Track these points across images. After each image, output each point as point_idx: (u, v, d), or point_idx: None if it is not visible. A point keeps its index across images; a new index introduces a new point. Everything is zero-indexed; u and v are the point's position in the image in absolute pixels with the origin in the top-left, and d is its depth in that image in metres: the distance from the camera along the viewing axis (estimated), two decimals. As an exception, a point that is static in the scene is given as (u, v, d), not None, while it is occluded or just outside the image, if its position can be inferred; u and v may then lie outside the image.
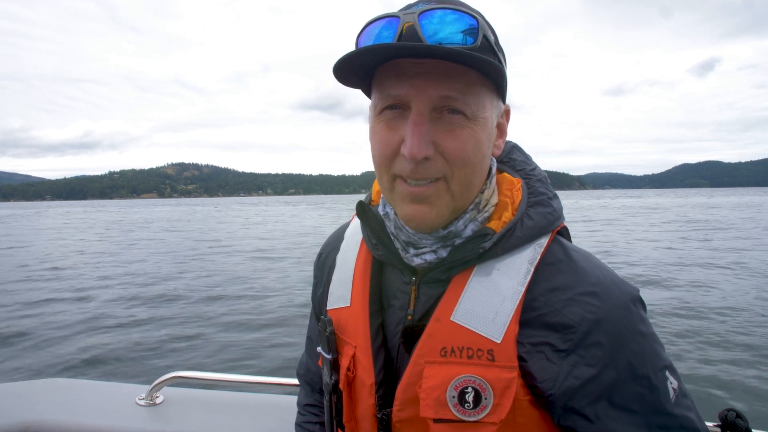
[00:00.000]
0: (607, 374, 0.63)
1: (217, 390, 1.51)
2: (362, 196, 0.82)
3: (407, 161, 0.62)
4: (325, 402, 0.81)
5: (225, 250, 17.40)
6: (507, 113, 0.72)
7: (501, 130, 0.71)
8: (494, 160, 0.75)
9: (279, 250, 16.91)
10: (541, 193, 0.72)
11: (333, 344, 0.78)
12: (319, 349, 0.82)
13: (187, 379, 1.42)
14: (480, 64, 0.57)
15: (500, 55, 0.64)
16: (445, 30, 0.58)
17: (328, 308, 0.82)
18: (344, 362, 0.75)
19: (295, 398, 1.26)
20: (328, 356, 0.78)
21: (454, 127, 0.61)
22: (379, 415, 0.70)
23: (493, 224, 0.69)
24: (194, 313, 8.11)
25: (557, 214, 0.71)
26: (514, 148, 0.81)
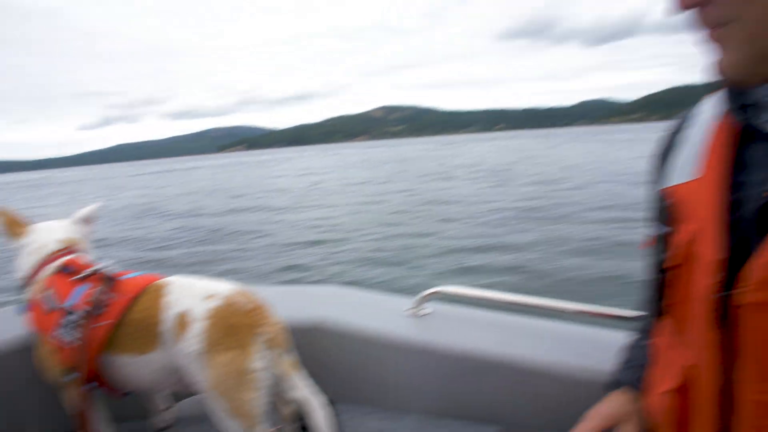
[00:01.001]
0: None
1: (482, 309, 1.51)
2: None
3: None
4: (651, 282, 0.76)
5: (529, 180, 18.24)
6: None
7: None
8: None
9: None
10: None
11: (670, 217, 0.71)
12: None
13: (453, 295, 1.46)
14: None
15: None
16: None
17: (668, 185, 0.74)
18: (682, 237, 0.67)
19: (565, 326, 1.33)
20: (664, 230, 0.72)
21: None
22: (717, 297, 0.61)
23: None
24: (480, 234, 8.94)
25: None
26: None
